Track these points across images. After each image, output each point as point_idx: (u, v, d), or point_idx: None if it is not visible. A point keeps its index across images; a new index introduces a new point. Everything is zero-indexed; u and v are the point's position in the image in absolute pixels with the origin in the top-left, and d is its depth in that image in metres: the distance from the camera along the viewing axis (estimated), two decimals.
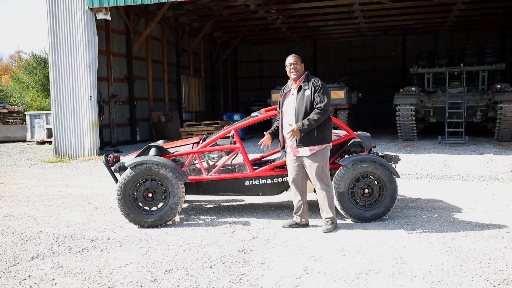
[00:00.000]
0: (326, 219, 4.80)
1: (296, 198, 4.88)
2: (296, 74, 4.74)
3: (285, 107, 4.82)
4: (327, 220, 4.79)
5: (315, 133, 4.62)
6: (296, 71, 4.74)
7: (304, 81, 4.75)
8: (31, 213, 5.91)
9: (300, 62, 4.78)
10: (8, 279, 3.60)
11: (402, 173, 8.02)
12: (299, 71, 4.75)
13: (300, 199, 4.86)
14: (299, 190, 4.87)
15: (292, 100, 4.76)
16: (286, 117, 4.79)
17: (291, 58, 4.79)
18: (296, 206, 4.90)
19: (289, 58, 4.80)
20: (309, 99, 4.64)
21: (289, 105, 4.78)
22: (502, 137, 12.56)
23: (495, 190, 6.89)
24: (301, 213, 4.90)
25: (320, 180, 4.71)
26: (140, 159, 5.07)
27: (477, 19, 18.97)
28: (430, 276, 3.44)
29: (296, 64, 4.74)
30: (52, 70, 12.11)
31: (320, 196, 4.79)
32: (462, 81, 13.37)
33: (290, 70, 4.76)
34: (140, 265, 3.83)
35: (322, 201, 4.79)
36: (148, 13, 15.83)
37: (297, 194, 4.87)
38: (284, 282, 3.41)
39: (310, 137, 4.63)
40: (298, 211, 4.91)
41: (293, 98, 4.76)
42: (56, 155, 12.15)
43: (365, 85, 22.33)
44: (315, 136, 4.63)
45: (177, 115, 17.93)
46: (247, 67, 25.11)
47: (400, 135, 13.58)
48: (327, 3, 16.04)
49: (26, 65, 30.06)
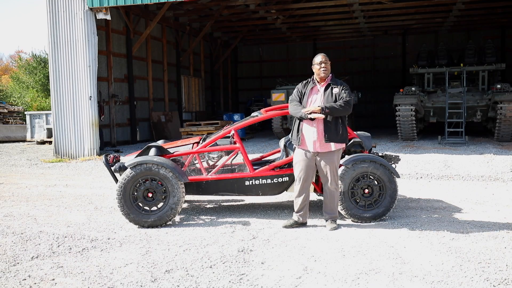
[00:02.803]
0: (331, 218, 4.84)
1: (302, 196, 4.86)
2: (325, 73, 4.77)
3: (310, 103, 4.78)
4: (332, 218, 4.84)
5: (341, 131, 4.70)
6: (327, 69, 4.77)
7: (332, 80, 4.81)
8: (31, 213, 5.91)
9: (329, 60, 4.82)
10: (8, 279, 3.60)
11: (402, 173, 8.02)
12: (328, 69, 4.79)
13: (306, 197, 4.87)
14: (305, 189, 4.87)
15: (319, 96, 4.77)
16: None
17: (321, 57, 4.82)
18: (300, 205, 4.88)
19: (319, 57, 4.83)
20: (337, 97, 4.72)
21: (316, 101, 4.77)
22: (502, 137, 12.55)
23: (495, 190, 6.89)
24: (304, 212, 4.92)
25: (333, 178, 4.76)
26: (140, 159, 5.07)
27: (477, 19, 18.96)
28: (430, 276, 3.44)
29: (327, 63, 4.78)
30: (52, 70, 12.11)
31: (329, 195, 4.82)
32: (462, 81, 13.36)
33: (321, 69, 4.77)
34: (140, 265, 3.83)
35: (330, 200, 4.82)
36: (148, 13, 15.84)
37: (303, 193, 4.86)
38: (284, 282, 3.41)
39: (336, 134, 4.68)
40: (301, 210, 4.90)
41: (319, 95, 4.77)
42: (56, 155, 12.16)
43: (365, 85, 22.31)
44: (340, 134, 4.70)
45: (177, 115, 17.93)
46: (247, 67, 25.10)
47: (400, 135, 13.58)
48: (327, 3, 16.04)
49: (26, 65, 30.05)
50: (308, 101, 4.80)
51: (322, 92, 4.78)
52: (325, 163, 4.74)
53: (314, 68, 4.84)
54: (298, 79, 22.39)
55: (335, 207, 4.85)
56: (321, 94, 4.78)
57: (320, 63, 4.78)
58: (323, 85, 4.81)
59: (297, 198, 4.91)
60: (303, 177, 4.84)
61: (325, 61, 4.78)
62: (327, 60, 4.81)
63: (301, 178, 4.85)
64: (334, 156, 4.75)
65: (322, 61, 4.78)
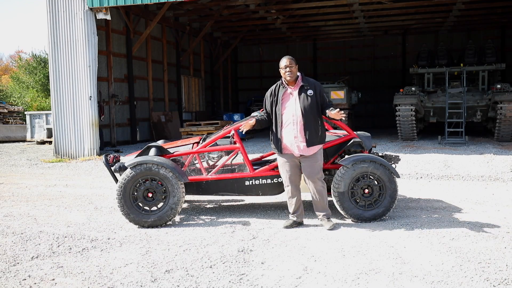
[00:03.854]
0: (324, 216, 4.88)
1: (294, 198, 4.90)
2: (291, 77, 4.74)
3: (285, 108, 4.77)
4: (325, 216, 4.88)
5: (320, 132, 4.77)
6: (292, 73, 4.74)
7: (303, 81, 4.79)
8: (31, 213, 5.91)
9: (295, 64, 4.79)
10: (8, 279, 3.60)
11: (402, 173, 8.02)
12: (294, 73, 4.76)
13: (298, 198, 4.91)
14: (297, 190, 4.91)
15: (294, 101, 4.75)
16: (288, 118, 4.75)
17: (286, 60, 4.78)
18: (296, 206, 4.91)
19: (284, 60, 4.79)
20: (314, 98, 4.73)
21: (291, 106, 4.75)
22: (502, 137, 12.56)
23: (495, 190, 6.89)
24: (300, 212, 4.95)
25: (319, 178, 4.82)
26: (140, 159, 5.07)
27: (477, 19, 18.97)
28: (430, 276, 3.44)
29: (292, 67, 4.74)
30: (52, 70, 12.11)
31: (318, 194, 4.84)
32: (462, 81, 13.37)
33: (286, 73, 4.75)
34: (140, 265, 3.83)
35: (319, 199, 4.85)
36: (148, 13, 15.83)
37: (295, 194, 4.90)
38: (284, 282, 3.41)
39: (316, 136, 4.75)
40: (297, 210, 4.93)
41: (293, 99, 4.76)
42: (56, 155, 12.15)
43: (365, 85, 22.33)
44: (319, 135, 4.77)
45: (177, 115, 17.93)
46: (247, 67, 25.11)
47: (400, 135, 13.58)
48: (327, 3, 16.04)
49: (26, 65, 30.06)
50: (283, 107, 4.76)
51: (296, 95, 4.76)
52: (310, 164, 4.78)
53: (281, 72, 4.83)
54: None
55: (325, 204, 4.90)
56: (295, 98, 4.75)
57: (285, 67, 4.76)
58: (295, 88, 4.79)
59: (290, 199, 4.92)
60: (292, 178, 4.86)
61: (289, 65, 4.74)
62: (292, 63, 4.76)
63: (290, 179, 4.86)
64: (318, 156, 4.81)
65: (286, 65, 4.75)
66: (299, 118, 4.71)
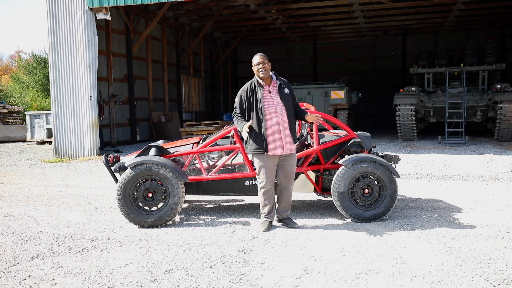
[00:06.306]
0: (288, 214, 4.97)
1: (271, 199, 4.84)
2: (264, 73, 4.73)
3: (268, 107, 4.70)
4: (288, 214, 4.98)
5: (295, 131, 4.93)
6: (265, 70, 4.73)
7: (279, 80, 4.84)
8: (31, 213, 5.91)
9: (267, 61, 4.78)
10: (8, 279, 3.60)
11: (402, 173, 8.02)
12: (267, 70, 4.75)
13: (273, 199, 4.88)
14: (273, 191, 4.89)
15: (274, 99, 4.73)
16: (272, 117, 4.68)
17: (259, 57, 4.76)
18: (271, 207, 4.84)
19: (257, 57, 4.77)
20: (290, 97, 4.84)
21: (271, 104, 4.70)
22: (502, 137, 12.56)
23: (495, 190, 6.89)
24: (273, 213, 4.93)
25: (293, 177, 4.93)
26: (140, 159, 5.07)
27: (477, 19, 18.97)
28: (430, 276, 3.44)
29: (265, 63, 4.73)
30: (52, 70, 12.11)
31: (288, 193, 4.90)
32: (462, 81, 13.37)
33: (259, 70, 4.72)
34: (140, 265, 3.83)
35: (288, 198, 4.92)
36: (148, 13, 15.84)
37: (272, 195, 4.84)
38: (284, 282, 3.41)
39: (296, 134, 4.93)
40: (272, 211, 4.87)
41: (274, 97, 4.74)
42: (56, 155, 12.16)
43: (365, 85, 22.33)
44: (295, 135, 4.91)
45: (177, 115, 17.93)
46: (247, 67, 25.06)
47: (400, 135, 13.58)
48: (327, 3, 16.05)
49: (26, 65, 30.07)
50: (266, 106, 4.69)
51: (276, 94, 4.75)
52: (291, 163, 4.82)
53: (254, 69, 4.80)
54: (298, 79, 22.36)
55: (290, 203, 4.99)
56: (276, 96, 4.74)
57: (257, 64, 4.73)
58: (273, 86, 4.79)
59: (267, 200, 4.82)
60: (272, 178, 4.80)
61: (263, 62, 4.72)
62: (265, 60, 4.74)
63: (271, 180, 4.79)
64: (295, 155, 4.90)
65: (259, 61, 4.73)
66: (283, 117, 4.71)
